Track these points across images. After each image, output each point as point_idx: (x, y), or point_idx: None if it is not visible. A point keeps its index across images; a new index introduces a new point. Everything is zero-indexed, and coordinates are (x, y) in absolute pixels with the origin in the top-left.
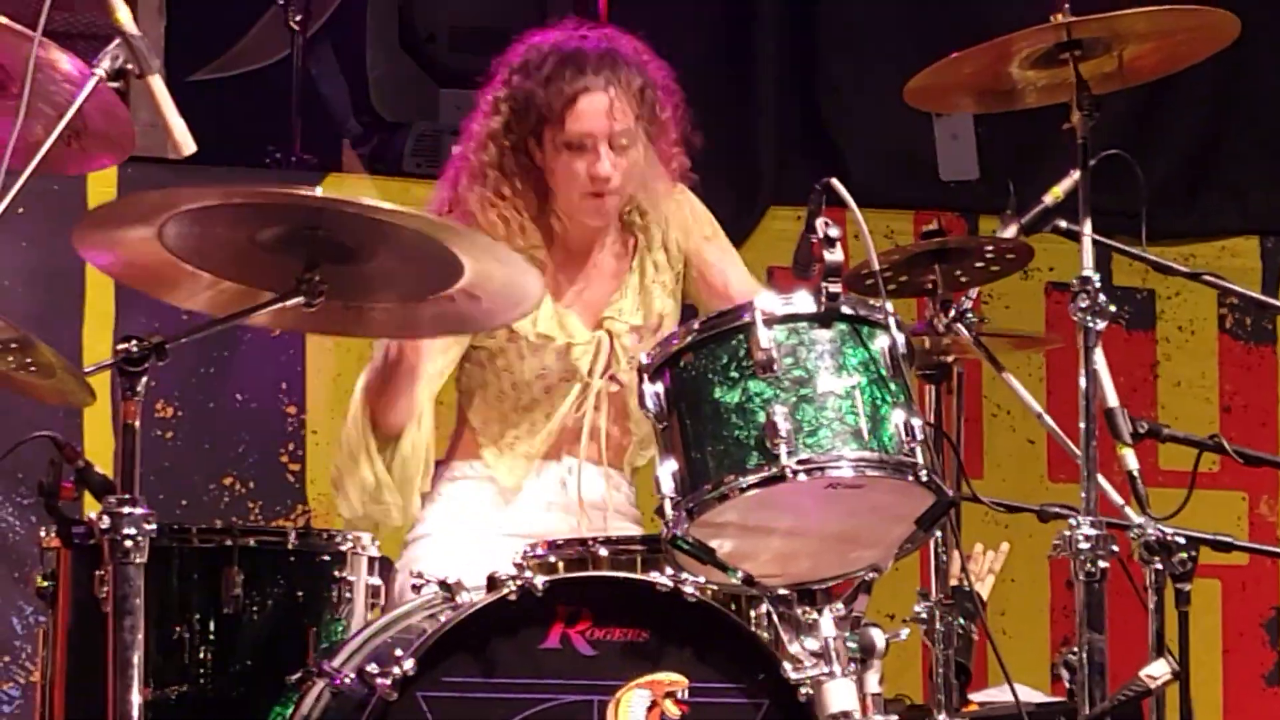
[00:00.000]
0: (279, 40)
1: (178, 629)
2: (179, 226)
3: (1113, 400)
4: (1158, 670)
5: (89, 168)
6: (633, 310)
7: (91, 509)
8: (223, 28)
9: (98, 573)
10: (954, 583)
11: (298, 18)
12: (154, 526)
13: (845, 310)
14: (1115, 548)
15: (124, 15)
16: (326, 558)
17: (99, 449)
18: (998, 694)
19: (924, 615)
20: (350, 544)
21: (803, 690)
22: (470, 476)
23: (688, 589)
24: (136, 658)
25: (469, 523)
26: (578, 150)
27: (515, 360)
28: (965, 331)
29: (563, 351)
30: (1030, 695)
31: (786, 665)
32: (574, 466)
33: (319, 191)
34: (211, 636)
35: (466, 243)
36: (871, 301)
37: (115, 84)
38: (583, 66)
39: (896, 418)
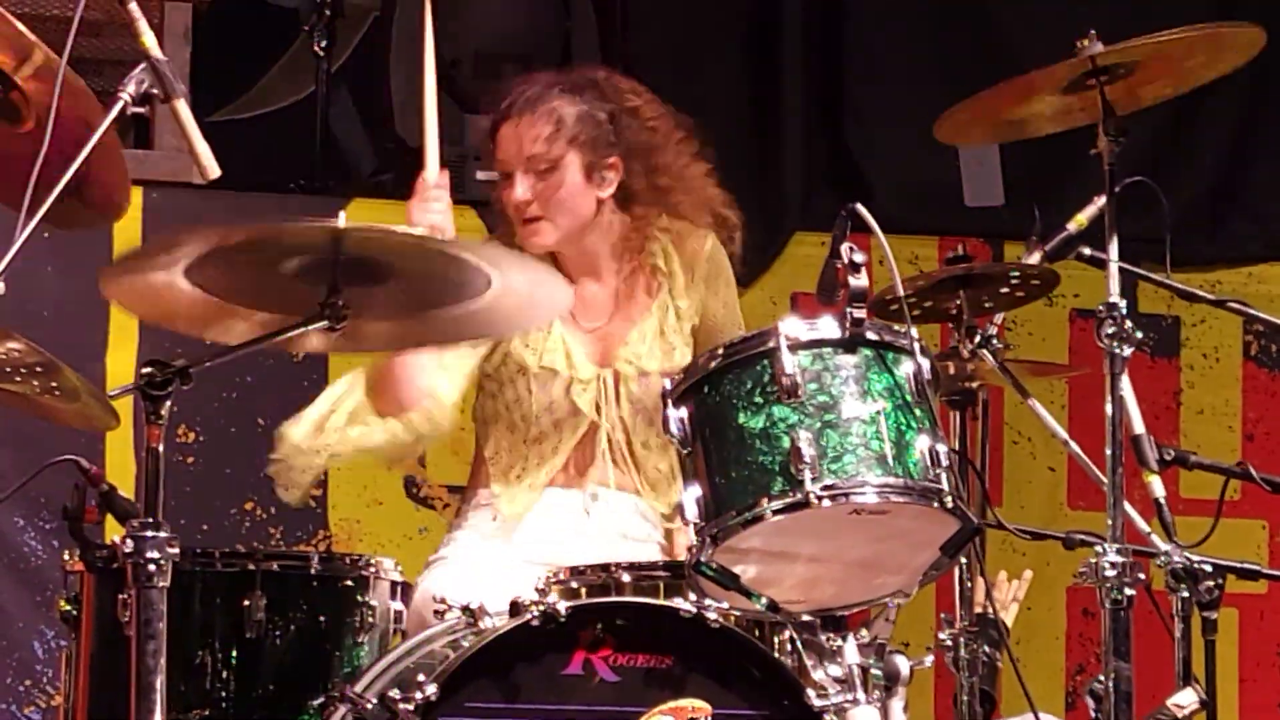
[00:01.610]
0: (303, 77)
1: (200, 653)
2: (202, 264)
3: (1139, 427)
4: (1185, 699)
5: (87, 225)
6: (649, 355)
7: (114, 533)
8: (248, 61)
9: (121, 596)
10: (979, 610)
11: (323, 44)
12: (177, 550)
13: (870, 335)
14: (1142, 575)
15: (149, 40)
16: (349, 582)
17: (121, 473)
18: None
19: (948, 642)
20: (373, 569)
21: (826, 717)
22: (490, 503)
23: (711, 615)
24: (159, 682)
25: (492, 549)
26: (504, 180)
27: (524, 393)
28: (990, 357)
29: (566, 387)
30: None
31: (810, 692)
32: (597, 493)
33: (342, 219)
34: (234, 661)
35: (489, 256)
36: (896, 327)
37: (140, 108)
38: (504, 99)
39: (921, 443)
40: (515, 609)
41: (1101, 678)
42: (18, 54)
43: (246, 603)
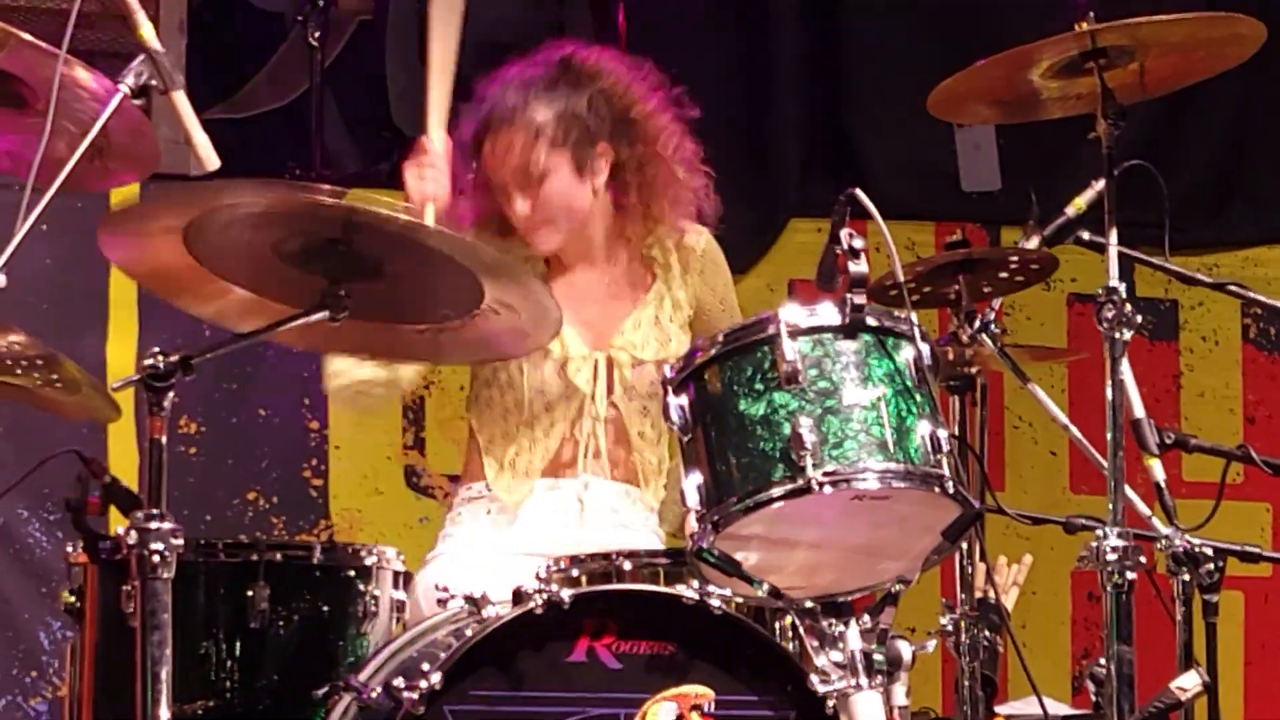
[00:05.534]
0: (290, 81)
1: (204, 644)
2: (204, 231)
3: (1139, 411)
4: (1188, 682)
5: (111, 184)
6: (644, 344)
7: (118, 524)
8: (235, 63)
9: (125, 588)
10: (979, 595)
11: (317, 34)
12: (181, 541)
13: (870, 321)
14: (1143, 559)
15: (147, 31)
16: (352, 572)
17: (124, 465)
18: (1023, 706)
19: (949, 627)
20: (375, 558)
21: (829, 703)
22: (487, 496)
23: (714, 601)
24: (164, 672)
25: (487, 542)
26: (498, 191)
27: (516, 375)
28: (990, 343)
29: (559, 367)
30: (1055, 708)
31: (813, 677)
32: (590, 482)
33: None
34: (238, 651)
35: (486, 262)
36: (896, 312)
37: (139, 100)
38: (487, 112)
39: (922, 429)
40: (519, 597)
41: (1103, 661)
42: None
43: (250, 593)
